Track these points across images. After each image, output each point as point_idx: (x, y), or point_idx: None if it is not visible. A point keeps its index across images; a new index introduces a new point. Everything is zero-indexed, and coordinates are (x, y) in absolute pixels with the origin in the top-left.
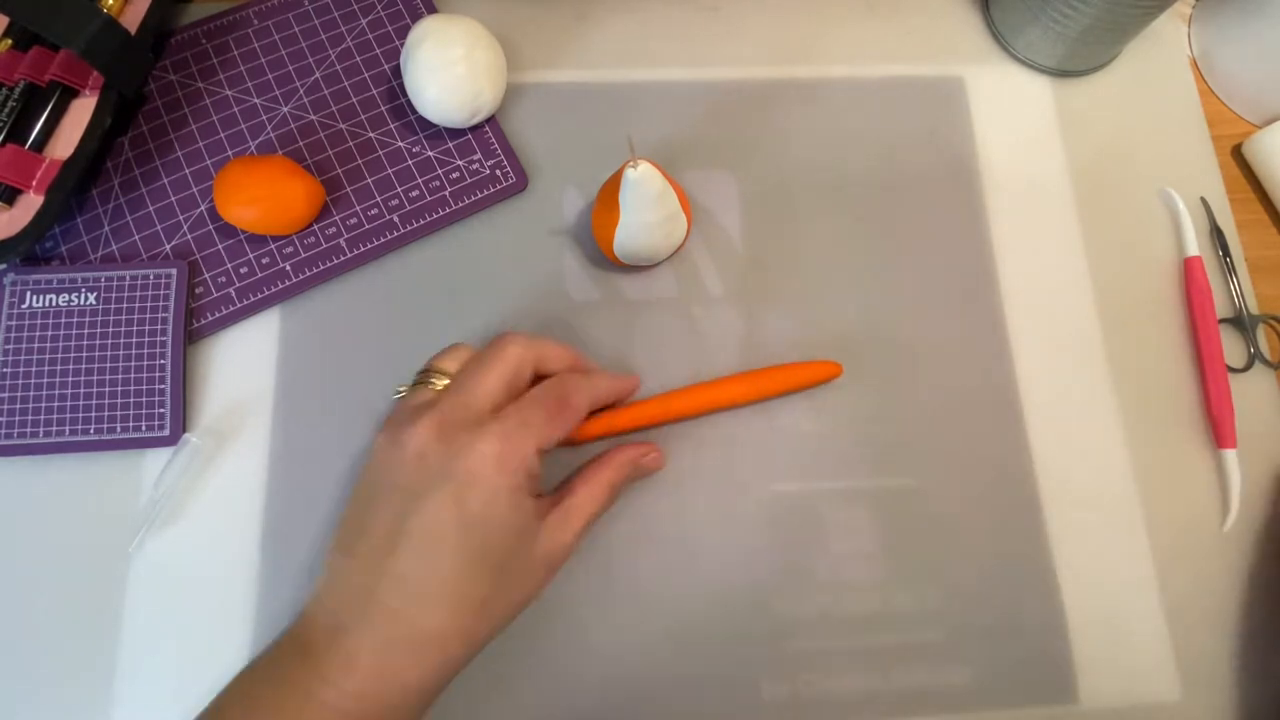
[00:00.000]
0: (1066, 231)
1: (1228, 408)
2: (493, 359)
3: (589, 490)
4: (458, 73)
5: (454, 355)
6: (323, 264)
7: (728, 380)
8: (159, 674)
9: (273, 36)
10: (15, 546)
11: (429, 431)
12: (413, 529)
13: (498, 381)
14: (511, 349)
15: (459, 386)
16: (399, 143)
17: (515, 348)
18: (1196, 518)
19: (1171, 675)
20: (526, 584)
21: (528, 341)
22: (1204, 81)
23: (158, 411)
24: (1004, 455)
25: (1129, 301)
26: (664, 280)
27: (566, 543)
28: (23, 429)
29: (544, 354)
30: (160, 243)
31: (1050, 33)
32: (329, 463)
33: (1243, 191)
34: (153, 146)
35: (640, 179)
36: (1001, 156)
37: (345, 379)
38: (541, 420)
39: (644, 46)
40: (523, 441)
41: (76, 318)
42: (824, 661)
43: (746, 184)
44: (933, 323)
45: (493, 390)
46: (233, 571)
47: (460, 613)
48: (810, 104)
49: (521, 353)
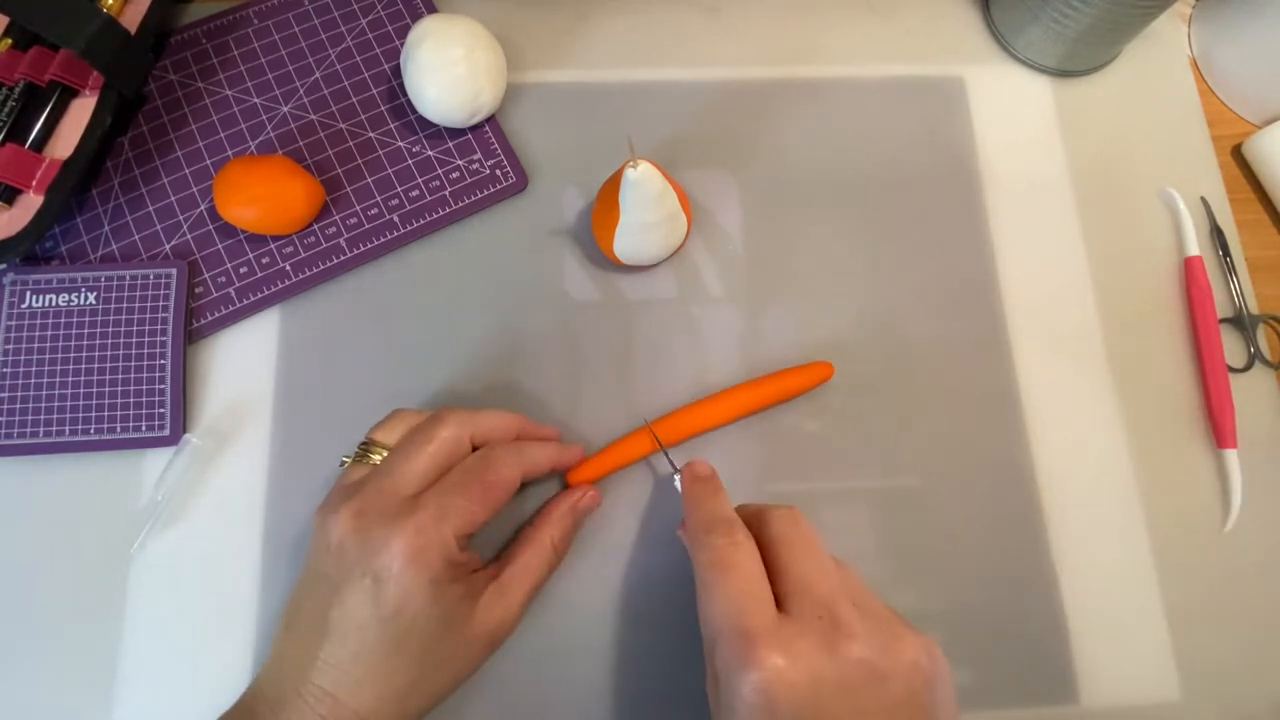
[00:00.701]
0: (1066, 231)
1: (1228, 408)
2: (423, 440)
3: (529, 556)
4: (458, 73)
5: (392, 426)
6: (323, 264)
7: (719, 398)
8: (160, 674)
9: (273, 36)
10: (15, 546)
11: (348, 523)
12: (334, 619)
13: (426, 464)
14: (444, 431)
15: (385, 470)
16: (399, 143)
17: (449, 430)
18: (1196, 518)
19: (1171, 675)
20: (459, 664)
21: (463, 419)
22: (1204, 81)
23: (158, 411)
24: (1004, 455)
25: (1129, 301)
26: (664, 280)
27: (507, 616)
28: (23, 429)
29: (481, 429)
30: (160, 243)
31: (1050, 33)
32: (329, 463)
33: (1243, 191)
34: (153, 146)
35: (640, 179)
36: (1001, 156)
37: (345, 379)
38: (461, 506)
39: (644, 46)
40: (438, 532)
41: (76, 318)
42: None
43: (746, 184)
44: (933, 323)
45: (420, 474)
46: (233, 571)
47: (387, 697)
48: (810, 104)
49: (456, 433)
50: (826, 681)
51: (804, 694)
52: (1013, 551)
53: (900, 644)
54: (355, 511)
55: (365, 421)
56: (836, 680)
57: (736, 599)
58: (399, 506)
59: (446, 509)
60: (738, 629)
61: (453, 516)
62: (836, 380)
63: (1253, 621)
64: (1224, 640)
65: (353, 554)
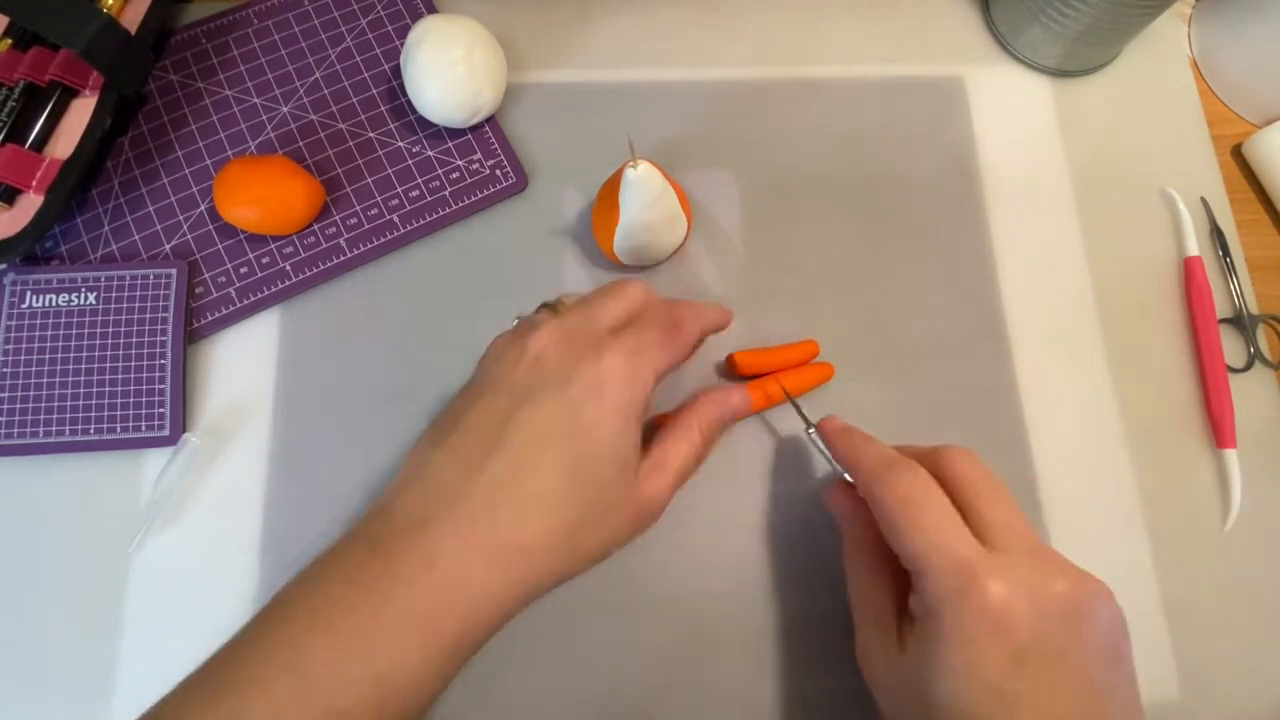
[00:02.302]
0: (1066, 231)
1: (1228, 408)
2: (617, 290)
3: (678, 439)
4: (458, 73)
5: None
6: (323, 264)
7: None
8: (159, 673)
9: (273, 36)
10: (15, 546)
11: (553, 336)
12: (513, 430)
13: (622, 309)
14: (634, 289)
15: (584, 306)
16: (399, 143)
17: (638, 290)
18: (1196, 518)
19: (1171, 675)
20: (617, 524)
21: (648, 288)
22: (1204, 81)
23: (158, 411)
24: (1004, 454)
25: (1129, 301)
26: (664, 280)
27: (661, 492)
28: (23, 429)
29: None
30: (160, 243)
31: (1050, 33)
32: (329, 463)
33: (1243, 191)
34: (153, 146)
35: (640, 179)
36: (1001, 156)
37: (345, 379)
38: (658, 343)
39: (644, 46)
40: (644, 362)
41: (76, 318)
42: (824, 663)
43: (746, 184)
44: (932, 322)
45: (617, 315)
46: (233, 571)
47: (551, 530)
48: (810, 104)
49: (644, 295)
50: (1049, 611)
51: (1031, 618)
52: None
53: (1100, 588)
54: (562, 332)
55: (365, 421)
56: (1057, 610)
57: (945, 530)
58: (602, 336)
59: (648, 343)
60: (955, 558)
61: (654, 352)
62: (836, 380)
63: (1253, 621)
64: (1224, 640)
65: (554, 363)
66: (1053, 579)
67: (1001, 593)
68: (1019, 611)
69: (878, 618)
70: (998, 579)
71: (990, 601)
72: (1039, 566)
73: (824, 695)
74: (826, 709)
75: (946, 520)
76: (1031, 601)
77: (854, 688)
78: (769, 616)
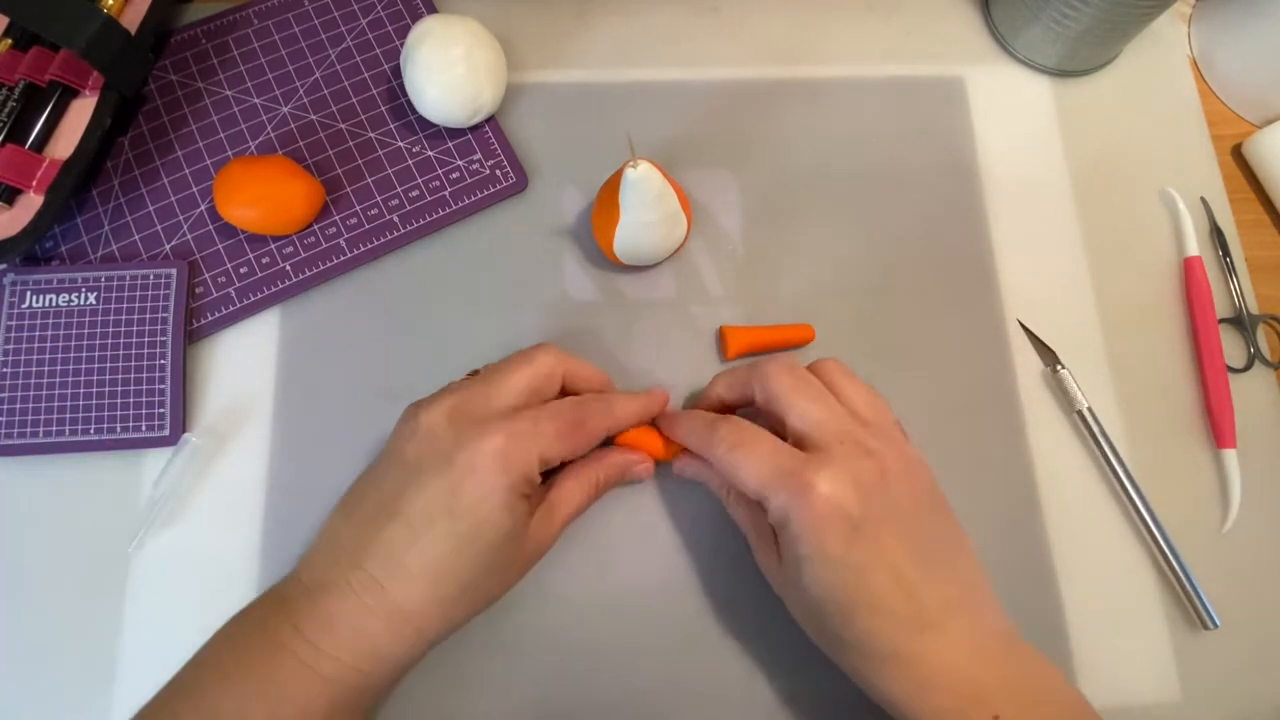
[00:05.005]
0: (1066, 231)
1: (1228, 408)
2: (523, 360)
3: (576, 486)
4: (458, 73)
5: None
6: (323, 264)
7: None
8: (159, 673)
9: (273, 36)
10: (15, 546)
11: (442, 413)
12: (406, 505)
13: (524, 381)
14: (543, 357)
15: (484, 379)
16: (399, 143)
17: (548, 357)
18: (1196, 518)
19: (1171, 675)
20: (506, 578)
21: (561, 355)
22: (1204, 81)
23: (158, 411)
24: (1004, 455)
25: (1129, 301)
26: (664, 280)
27: (547, 538)
28: (23, 429)
29: (575, 370)
30: (160, 243)
31: (1050, 33)
32: (329, 463)
33: (1243, 191)
34: (153, 146)
35: (640, 179)
36: (1001, 156)
37: (345, 379)
38: (552, 432)
39: (644, 46)
40: (529, 446)
41: (76, 318)
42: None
43: (746, 184)
44: (932, 323)
45: (517, 389)
46: (233, 571)
47: (438, 596)
48: (810, 104)
49: (553, 363)
50: (866, 484)
51: (854, 497)
52: (1012, 551)
53: (907, 447)
54: (453, 406)
55: (365, 421)
56: (871, 483)
57: (766, 457)
58: (496, 412)
59: (540, 430)
60: (779, 473)
61: (543, 440)
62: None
63: (1253, 622)
64: (1224, 640)
65: (443, 442)
66: (862, 460)
67: (825, 484)
68: (842, 494)
69: (760, 539)
70: (819, 474)
71: (818, 494)
72: (854, 451)
73: (824, 695)
74: (826, 709)
75: (764, 447)
76: (852, 484)
77: (855, 686)
78: (766, 616)
